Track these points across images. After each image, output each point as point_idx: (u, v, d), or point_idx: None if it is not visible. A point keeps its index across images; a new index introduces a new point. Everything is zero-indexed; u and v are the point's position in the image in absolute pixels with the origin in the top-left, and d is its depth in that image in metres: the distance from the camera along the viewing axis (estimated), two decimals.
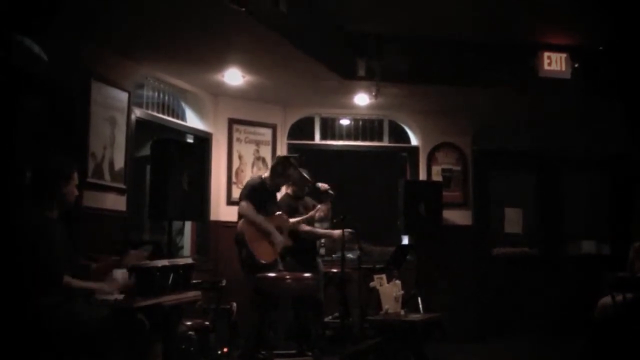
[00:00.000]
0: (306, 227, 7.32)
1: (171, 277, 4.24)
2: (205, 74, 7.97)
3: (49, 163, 4.41)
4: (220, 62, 7.58)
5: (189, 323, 5.55)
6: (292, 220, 7.13)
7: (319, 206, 7.34)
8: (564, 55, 8.35)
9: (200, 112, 8.80)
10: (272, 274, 6.22)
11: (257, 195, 6.73)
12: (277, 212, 6.97)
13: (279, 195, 7.45)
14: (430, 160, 9.96)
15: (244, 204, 6.70)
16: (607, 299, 6.77)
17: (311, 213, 7.28)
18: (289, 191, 7.79)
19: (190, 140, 8.59)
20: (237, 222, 6.74)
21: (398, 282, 6.38)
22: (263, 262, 6.48)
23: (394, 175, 10.08)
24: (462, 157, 10.02)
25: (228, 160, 8.97)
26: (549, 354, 8.23)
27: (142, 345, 4.06)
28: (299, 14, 6.96)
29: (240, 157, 9.01)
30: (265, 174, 7.12)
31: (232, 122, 9.01)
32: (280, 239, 6.74)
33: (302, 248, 7.41)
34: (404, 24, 7.74)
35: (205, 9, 5.97)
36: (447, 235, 9.38)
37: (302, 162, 7.36)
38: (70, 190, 4.41)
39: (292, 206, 7.44)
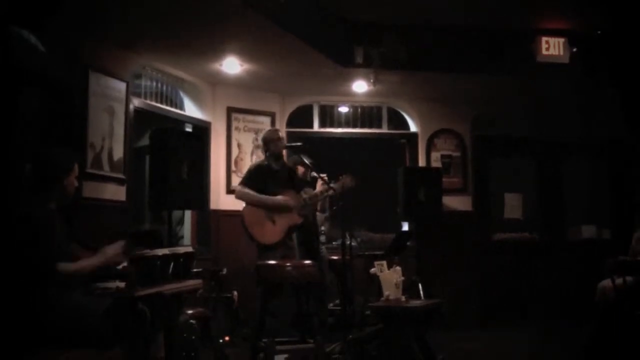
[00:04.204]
0: (317, 198, 7.25)
1: (172, 266, 4.24)
2: (203, 63, 7.97)
3: (50, 155, 4.40)
4: (218, 51, 7.57)
5: (190, 312, 5.57)
6: (305, 196, 7.10)
7: (331, 184, 7.28)
8: (562, 40, 8.33)
9: (198, 101, 8.79)
10: (272, 262, 6.23)
11: (256, 176, 6.78)
12: (286, 191, 6.97)
13: None
14: (430, 146, 9.96)
15: (237, 188, 6.75)
16: (606, 282, 6.78)
17: (322, 188, 7.26)
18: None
19: (189, 129, 8.58)
20: (239, 210, 6.78)
21: (398, 268, 6.35)
22: (267, 243, 6.52)
23: (393, 162, 10.07)
24: (461, 143, 10.03)
25: (227, 149, 8.98)
26: (550, 339, 8.26)
27: (143, 334, 4.07)
28: (296, 2, 6.94)
29: (239, 146, 9.02)
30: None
31: (230, 110, 9.01)
32: (282, 200, 6.76)
33: (304, 236, 7.43)
34: (402, 10, 7.72)
35: None
36: (447, 221, 9.38)
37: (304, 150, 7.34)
38: (70, 182, 4.40)
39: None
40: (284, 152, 7.37)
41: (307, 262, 6.15)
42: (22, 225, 4.02)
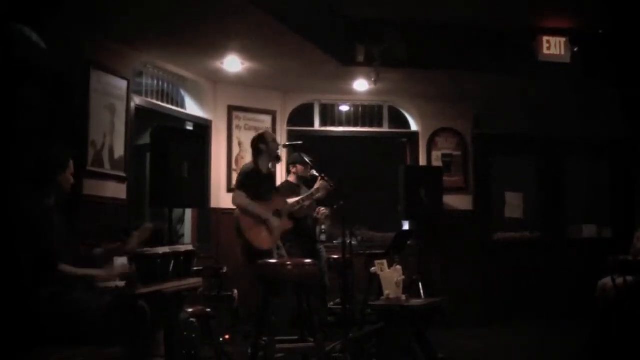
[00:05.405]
0: (295, 207, 7.26)
1: (172, 264, 4.24)
2: (204, 61, 7.97)
3: (45, 152, 4.42)
4: (219, 49, 7.56)
5: (190, 310, 5.56)
6: (290, 200, 7.12)
7: (317, 186, 7.29)
8: (563, 40, 8.33)
9: (199, 99, 8.79)
10: (273, 261, 6.22)
11: (251, 181, 6.71)
12: (275, 195, 6.97)
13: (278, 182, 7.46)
14: (430, 145, 9.96)
15: (235, 194, 6.72)
16: (607, 280, 6.79)
17: (311, 191, 7.27)
18: (290, 178, 7.80)
19: (190, 127, 8.59)
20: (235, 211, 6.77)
21: (399, 267, 6.36)
22: (261, 249, 6.50)
23: (394, 161, 10.08)
24: (462, 142, 10.03)
25: (228, 147, 8.98)
26: (551, 338, 8.25)
27: (144, 332, 4.07)
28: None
29: (240, 144, 9.01)
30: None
31: (231, 109, 9.02)
32: (277, 224, 6.74)
33: (301, 235, 7.43)
34: (403, 8, 7.71)
35: None
36: (448, 220, 9.40)
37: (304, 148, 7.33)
38: (66, 179, 4.43)
39: (294, 192, 7.44)
40: (286, 151, 7.37)
41: (308, 261, 6.14)
42: (18, 220, 4.03)
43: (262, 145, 6.89)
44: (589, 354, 6.87)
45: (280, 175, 8.52)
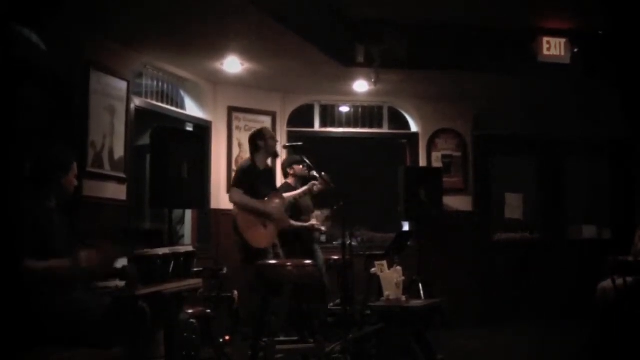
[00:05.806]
0: (291, 200, 7.30)
1: (172, 265, 4.24)
2: (204, 62, 7.96)
3: (48, 154, 4.41)
4: (219, 50, 7.56)
5: (190, 311, 5.56)
6: (286, 195, 7.13)
7: (313, 182, 7.31)
8: (563, 40, 8.33)
9: (199, 100, 8.79)
10: (272, 261, 6.23)
11: (248, 177, 6.72)
12: (273, 193, 6.97)
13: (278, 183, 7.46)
14: (430, 146, 9.96)
15: (232, 191, 6.73)
16: (606, 283, 6.79)
17: (307, 186, 7.29)
18: (289, 180, 7.79)
19: (189, 128, 8.58)
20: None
21: (399, 268, 6.36)
22: (258, 247, 6.51)
23: (394, 162, 10.08)
24: (462, 143, 10.03)
25: (228, 148, 8.97)
26: (551, 338, 8.26)
27: (144, 332, 4.07)
28: (298, 0, 6.95)
29: (240, 145, 9.00)
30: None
31: (231, 110, 9.01)
32: (276, 214, 6.75)
33: (298, 235, 7.44)
34: (403, 8, 7.70)
35: None
36: (448, 221, 9.39)
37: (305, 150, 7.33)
38: (69, 181, 4.41)
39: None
40: (285, 151, 7.35)
41: (308, 261, 6.14)
42: (19, 221, 4.02)
43: (260, 141, 6.89)
44: (589, 354, 6.86)
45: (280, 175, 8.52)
